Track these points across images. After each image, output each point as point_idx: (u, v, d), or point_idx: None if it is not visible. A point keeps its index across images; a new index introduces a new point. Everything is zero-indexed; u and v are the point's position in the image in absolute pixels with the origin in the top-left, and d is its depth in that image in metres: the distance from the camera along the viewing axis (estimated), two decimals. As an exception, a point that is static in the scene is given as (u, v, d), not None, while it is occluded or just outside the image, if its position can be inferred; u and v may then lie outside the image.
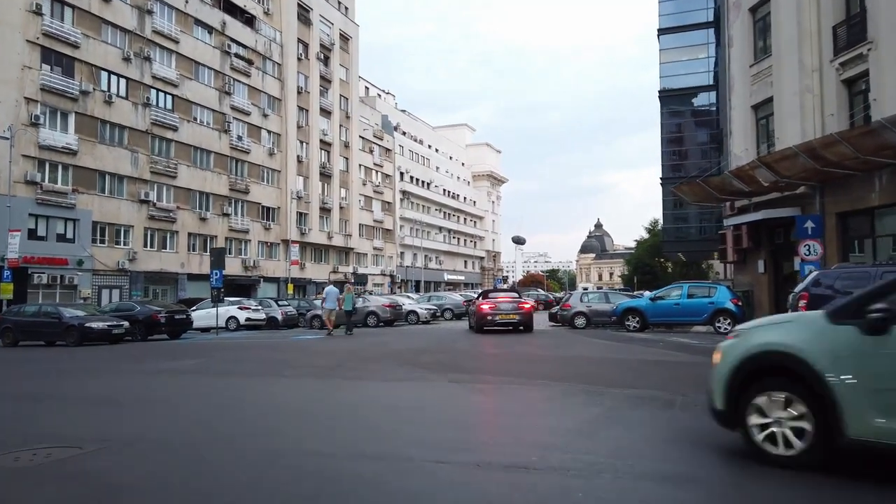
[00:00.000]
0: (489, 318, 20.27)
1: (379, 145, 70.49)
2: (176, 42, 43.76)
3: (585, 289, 53.67)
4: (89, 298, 34.29)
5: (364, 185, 67.05)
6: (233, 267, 48.06)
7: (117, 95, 39.40)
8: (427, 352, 14.93)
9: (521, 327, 20.61)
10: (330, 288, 23.24)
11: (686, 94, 45.20)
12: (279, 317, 28.22)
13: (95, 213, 37.75)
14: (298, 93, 55.81)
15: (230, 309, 27.13)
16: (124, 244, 39.96)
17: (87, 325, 19.34)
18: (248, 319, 26.74)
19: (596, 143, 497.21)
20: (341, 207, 61.74)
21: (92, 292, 37.26)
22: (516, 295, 22.77)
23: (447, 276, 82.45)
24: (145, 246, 41.37)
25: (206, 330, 27.16)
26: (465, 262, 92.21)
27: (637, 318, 20.68)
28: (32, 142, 34.13)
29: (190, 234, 44.76)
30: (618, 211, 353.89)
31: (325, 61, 60.37)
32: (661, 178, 45.93)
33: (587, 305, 23.41)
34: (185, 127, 44.30)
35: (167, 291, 42.87)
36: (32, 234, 34.38)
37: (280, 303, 29.44)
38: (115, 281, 39.21)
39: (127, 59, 39.92)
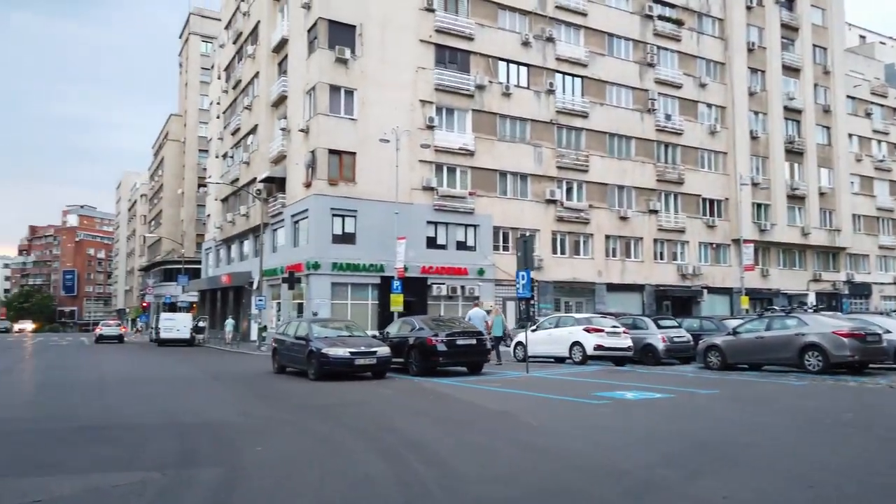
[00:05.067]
0: None
1: (882, 105, 51.17)
2: (584, 15, 37.72)
3: None
4: (495, 308, 30.45)
5: (858, 161, 49.11)
6: (666, 275, 39.13)
7: (516, 85, 35.31)
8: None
9: None
10: (475, 311, 20.31)
11: None
12: (659, 344, 18.41)
13: (496, 217, 34.11)
14: (749, 51, 43.39)
15: (573, 331, 18.66)
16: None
17: (324, 351, 13.90)
18: (599, 348, 17.83)
19: None
20: (822, 194, 45.87)
21: (496, 304, 33.48)
22: None
23: None
24: (554, 252, 36.04)
25: (551, 359, 19.46)
26: None
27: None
28: (430, 146, 32.28)
29: (607, 237, 37.71)
30: None
31: (789, 5, 46.04)
32: None
33: None
34: (597, 112, 37.67)
35: (582, 304, 36.59)
36: (431, 243, 32.43)
37: (665, 323, 19.50)
38: (521, 292, 34.76)
39: (526, 44, 35.60)
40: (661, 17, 40.36)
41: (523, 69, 35.86)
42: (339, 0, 30.71)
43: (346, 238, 30.25)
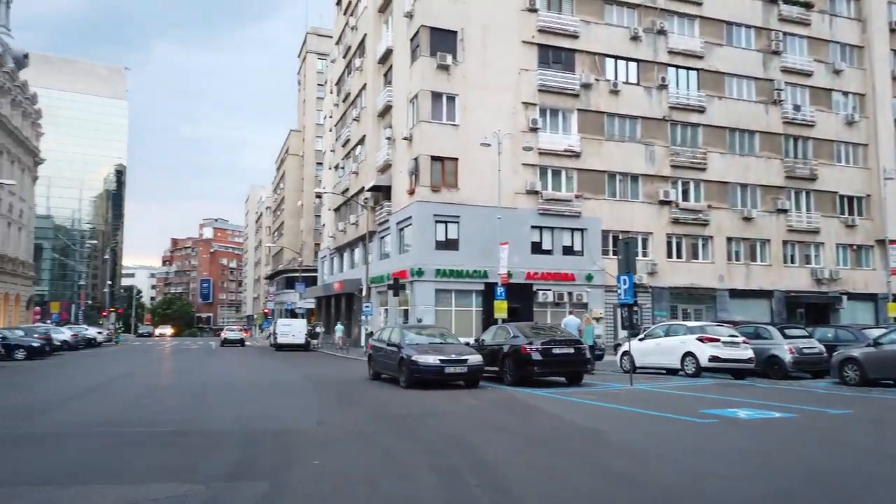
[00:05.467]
0: None
1: None
2: (698, 5, 35.48)
3: None
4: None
5: None
6: (798, 280, 35.95)
7: (625, 82, 33.73)
8: None
9: None
10: (570, 318, 19.96)
11: None
12: (785, 356, 16.44)
13: (605, 220, 32.65)
14: (892, 31, 39.06)
15: (685, 340, 17.04)
16: (642, 255, 33.51)
17: (414, 358, 13.48)
18: (715, 359, 16.13)
19: None
20: None
21: (605, 311, 32.06)
22: None
23: None
24: (669, 256, 33.98)
25: (662, 371, 17.99)
26: None
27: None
28: (533, 148, 31.47)
29: (729, 239, 35.10)
30: None
31: (940, -23, 41.03)
32: None
33: None
34: (715, 106, 35.24)
35: (702, 311, 34.21)
36: (536, 248, 31.55)
37: (793, 332, 17.36)
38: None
39: (635, 38, 33.95)
40: (786, 1, 37.19)
41: (632, 65, 34.20)
42: (441, 7, 30.67)
43: (450, 244, 30.02)
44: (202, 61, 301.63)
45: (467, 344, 16.26)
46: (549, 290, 31.20)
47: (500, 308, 26.07)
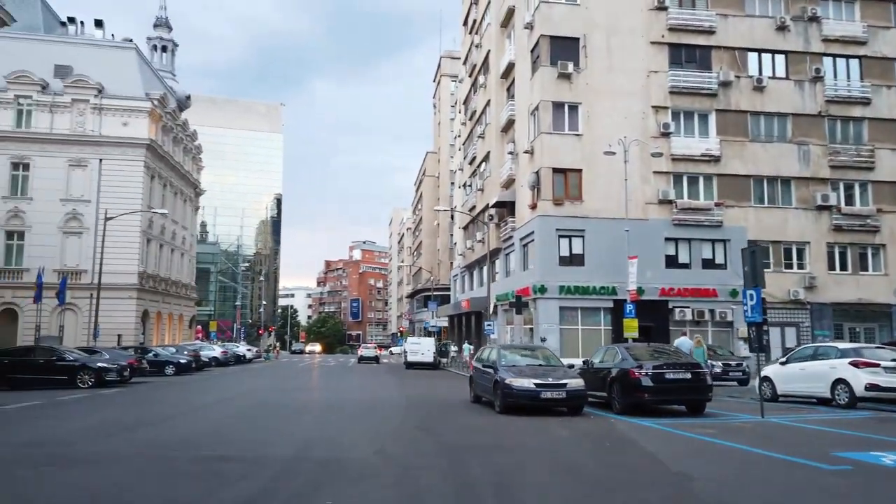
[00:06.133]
0: None
1: None
2: (859, -16, 31.46)
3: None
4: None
5: None
6: None
7: (771, 77, 30.51)
8: None
9: None
10: (682, 340, 19.28)
11: None
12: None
13: (751, 229, 29.53)
14: None
15: (836, 365, 14.25)
16: (797, 267, 29.95)
17: (507, 381, 12.36)
18: (873, 387, 13.28)
19: None
20: None
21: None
22: None
23: None
24: (830, 268, 30.04)
25: (811, 399, 15.36)
26: None
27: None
28: (664, 155, 29.24)
29: (906, 248, 30.39)
30: None
31: None
32: None
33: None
34: (883, 96, 30.88)
35: (873, 331, 29.81)
36: (671, 262, 29.19)
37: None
38: (787, 316, 29.58)
39: (782, 28, 30.66)
40: (972, -31, 31.91)
41: (779, 57, 30.89)
42: (561, 15, 29.58)
43: (574, 259, 28.54)
44: (355, 92, 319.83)
45: (571, 366, 14.91)
46: (687, 307, 28.64)
47: (630, 327, 24.21)
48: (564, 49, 29.38)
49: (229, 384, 23.85)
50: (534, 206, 29.30)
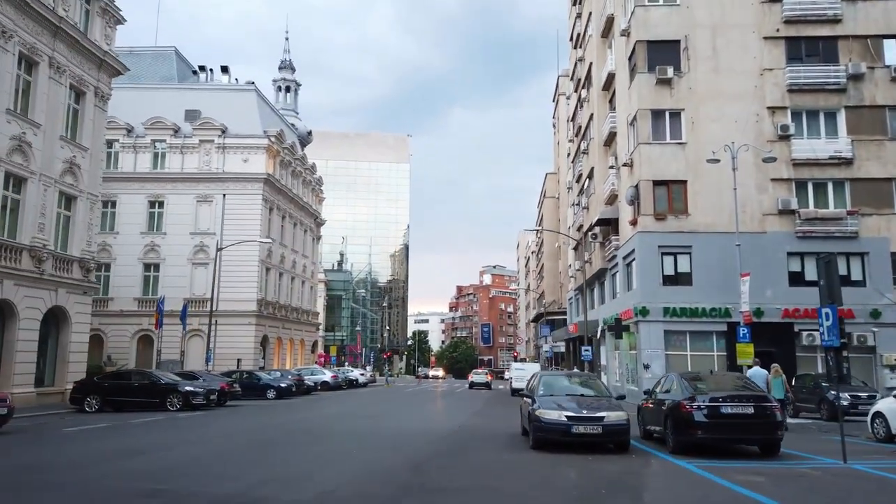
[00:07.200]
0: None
1: None
2: None
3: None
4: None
5: None
6: None
7: (913, 65, 26.60)
8: None
9: None
10: (756, 370, 16.90)
11: None
12: None
13: (894, 240, 25.65)
14: None
15: None
16: (958, 283, 25.51)
17: (538, 413, 10.98)
18: None
19: None
20: None
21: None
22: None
23: None
24: None
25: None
26: None
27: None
28: (783, 160, 26.29)
29: None
30: None
31: None
32: None
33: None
34: None
35: None
36: (796, 279, 26.01)
37: None
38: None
39: (925, 8, 26.73)
40: None
41: (923, 42, 26.89)
42: (659, 17, 27.75)
43: (680, 279, 26.21)
44: (488, 119, 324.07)
45: (622, 397, 13.22)
46: (817, 330, 25.13)
47: (745, 352, 21.62)
48: (663, 53, 27.46)
49: (306, 409, 23.49)
50: (634, 223, 27.36)
